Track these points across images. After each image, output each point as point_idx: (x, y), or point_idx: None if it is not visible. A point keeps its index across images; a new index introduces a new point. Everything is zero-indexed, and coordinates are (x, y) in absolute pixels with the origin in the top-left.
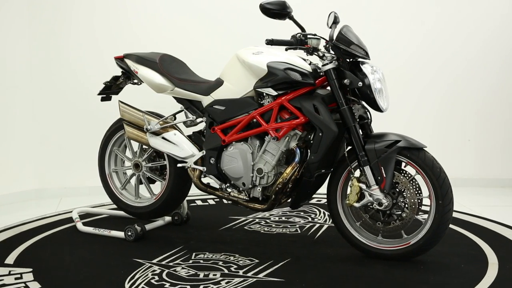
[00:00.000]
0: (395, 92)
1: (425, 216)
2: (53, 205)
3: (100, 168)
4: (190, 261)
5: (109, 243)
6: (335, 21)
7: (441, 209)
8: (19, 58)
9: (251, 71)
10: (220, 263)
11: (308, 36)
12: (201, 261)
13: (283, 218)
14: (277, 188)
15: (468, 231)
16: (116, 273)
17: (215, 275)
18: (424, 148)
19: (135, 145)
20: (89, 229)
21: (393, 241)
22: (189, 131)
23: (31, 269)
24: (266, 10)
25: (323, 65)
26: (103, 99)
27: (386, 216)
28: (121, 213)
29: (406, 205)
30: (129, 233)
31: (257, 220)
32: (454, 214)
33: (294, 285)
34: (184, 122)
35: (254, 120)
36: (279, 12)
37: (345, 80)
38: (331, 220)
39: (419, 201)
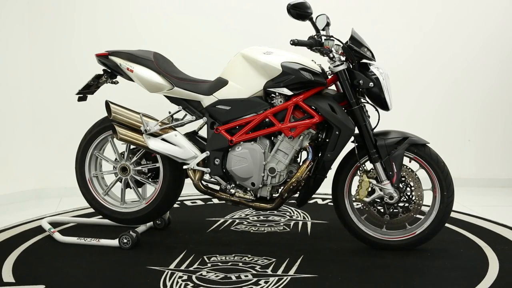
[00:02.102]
0: (395, 92)
1: None
2: (53, 205)
3: (80, 174)
4: (209, 265)
5: (105, 252)
6: (328, 24)
7: (446, 200)
8: (20, 58)
9: (262, 71)
10: (240, 264)
11: (325, 37)
12: (220, 264)
13: (261, 218)
14: (291, 187)
15: (466, 230)
16: (144, 283)
17: (246, 276)
18: (428, 144)
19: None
20: (72, 239)
21: (399, 232)
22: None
23: (43, 286)
24: (292, 11)
25: (334, 66)
26: (80, 99)
27: (393, 209)
28: (91, 220)
29: (413, 198)
30: (125, 241)
31: (237, 220)
32: (453, 215)
33: (330, 279)
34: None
35: (267, 119)
36: (303, 13)
37: (360, 81)
38: (310, 216)
39: (423, 193)
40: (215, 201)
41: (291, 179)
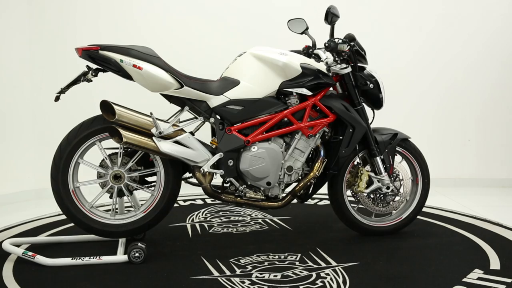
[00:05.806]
0: (396, 92)
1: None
2: (53, 205)
3: (63, 184)
4: (249, 267)
5: (116, 270)
6: (307, 28)
7: (426, 187)
8: (19, 58)
9: (280, 71)
10: (276, 262)
11: (340, 41)
12: (257, 265)
13: (223, 219)
14: (308, 183)
15: (466, 230)
16: None
17: (302, 272)
18: (409, 139)
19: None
20: (65, 261)
21: (389, 218)
22: None
23: None
24: (330, 15)
25: (341, 68)
26: (57, 99)
27: (386, 198)
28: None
29: (403, 187)
30: (137, 254)
31: (204, 224)
32: (454, 215)
33: (373, 264)
34: None
35: (285, 119)
36: (336, 17)
37: (367, 82)
38: (269, 214)
39: (410, 182)
40: None
41: (307, 176)
